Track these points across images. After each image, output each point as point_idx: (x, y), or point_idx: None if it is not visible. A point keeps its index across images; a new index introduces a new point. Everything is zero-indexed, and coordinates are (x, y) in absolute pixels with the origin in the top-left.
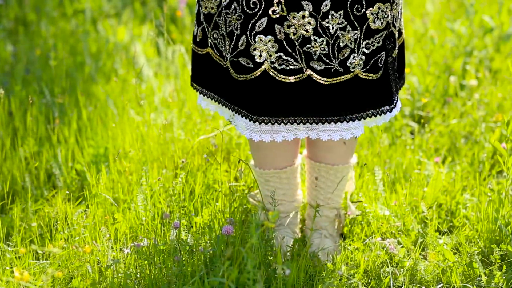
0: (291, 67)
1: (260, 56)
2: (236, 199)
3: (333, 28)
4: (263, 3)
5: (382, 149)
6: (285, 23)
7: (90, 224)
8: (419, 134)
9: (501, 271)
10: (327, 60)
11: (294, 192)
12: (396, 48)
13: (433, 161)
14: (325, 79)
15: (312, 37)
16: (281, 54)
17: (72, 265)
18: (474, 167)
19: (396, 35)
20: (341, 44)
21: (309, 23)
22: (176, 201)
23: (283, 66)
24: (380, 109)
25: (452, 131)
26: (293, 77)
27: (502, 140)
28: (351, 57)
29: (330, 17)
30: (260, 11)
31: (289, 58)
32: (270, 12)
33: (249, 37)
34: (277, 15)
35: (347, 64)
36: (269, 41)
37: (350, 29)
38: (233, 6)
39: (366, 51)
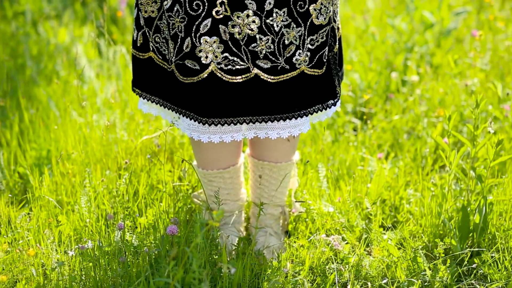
0: (238, 67)
1: (206, 57)
2: (180, 199)
3: (277, 26)
4: (206, 4)
5: (325, 146)
6: (229, 23)
7: (34, 227)
8: (362, 131)
9: (445, 265)
10: (273, 58)
11: (238, 191)
12: (337, 43)
13: (376, 157)
14: (272, 77)
15: (257, 36)
16: (227, 54)
17: (17, 268)
18: (417, 162)
19: (336, 30)
20: (286, 42)
21: (253, 22)
22: (120, 202)
23: (229, 67)
24: (326, 104)
25: (395, 127)
26: (240, 76)
27: (444, 135)
28: (297, 53)
29: (274, 15)
30: (204, 12)
31: (235, 58)
32: (213, 13)
33: (194, 39)
34: (221, 16)
35: (293, 61)
36: (214, 42)
37: (294, 26)
38: (175, 8)
39: (311, 47)
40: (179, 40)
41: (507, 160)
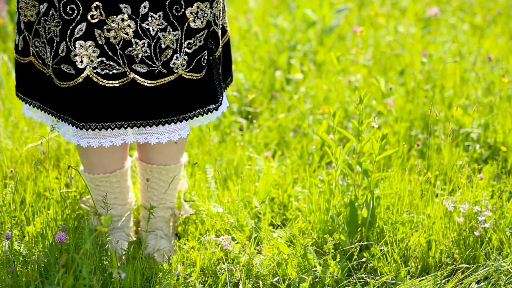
0: (114, 71)
1: (82, 62)
2: (68, 205)
3: (153, 30)
4: (81, 8)
5: (212, 146)
6: (104, 27)
7: None
8: (248, 130)
9: (335, 261)
10: (150, 62)
11: (126, 195)
12: (220, 47)
13: (263, 156)
14: (149, 81)
15: (133, 40)
16: (103, 58)
17: None
18: (304, 160)
19: (220, 33)
20: (163, 46)
21: (129, 26)
22: (6, 212)
23: (106, 71)
24: (206, 108)
25: (281, 125)
26: (117, 81)
27: (330, 132)
28: (174, 57)
29: (149, 18)
30: (79, 17)
31: (111, 63)
32: (88, 17)
33: (69, 43)
34: (96, 20)
35: (170, 65)
36: (89, 46)
37: (171, 29)
38: (51, 12)
39: (188, 51)
40: (55, 44)
41: (392, 154)
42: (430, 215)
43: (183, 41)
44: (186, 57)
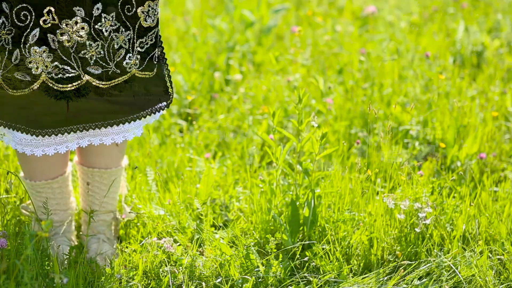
0: (68, 75)
1: (37, 68)
2: (8, 211)
3: (106, 31)
4: (34, 13)
5: (153, 149)
6: (58, 31)
7: None
8: (188, 132)
9: (278, 260)
10: (104, 64)
11: (67, 200)
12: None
13: (203, 157)
14: (103, 82)
15: (87, 42)
16: (57, 63)
17: None
18: (245, 160)
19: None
20: (116, 46)
21: (82, 28)
22: None
23: (60, 75)
24: (158, 106)
25: (221, 126)
26: (71, 84)
27: (270, 132)
28: (127, 57)
29: (103, 20)
30: (32, 23)
31: (65, 67)
32: (41, 22)
33: (23, 51)
34: (49, 24)
35: (124, 65)
36: (43, 51)
37: (123, 30)
38: (1, 21)
39: (140, 50)
40: (6, 52)
41: (332, 152)
42: (371, 213)
43: (135, 40)
44: (138, 56)
